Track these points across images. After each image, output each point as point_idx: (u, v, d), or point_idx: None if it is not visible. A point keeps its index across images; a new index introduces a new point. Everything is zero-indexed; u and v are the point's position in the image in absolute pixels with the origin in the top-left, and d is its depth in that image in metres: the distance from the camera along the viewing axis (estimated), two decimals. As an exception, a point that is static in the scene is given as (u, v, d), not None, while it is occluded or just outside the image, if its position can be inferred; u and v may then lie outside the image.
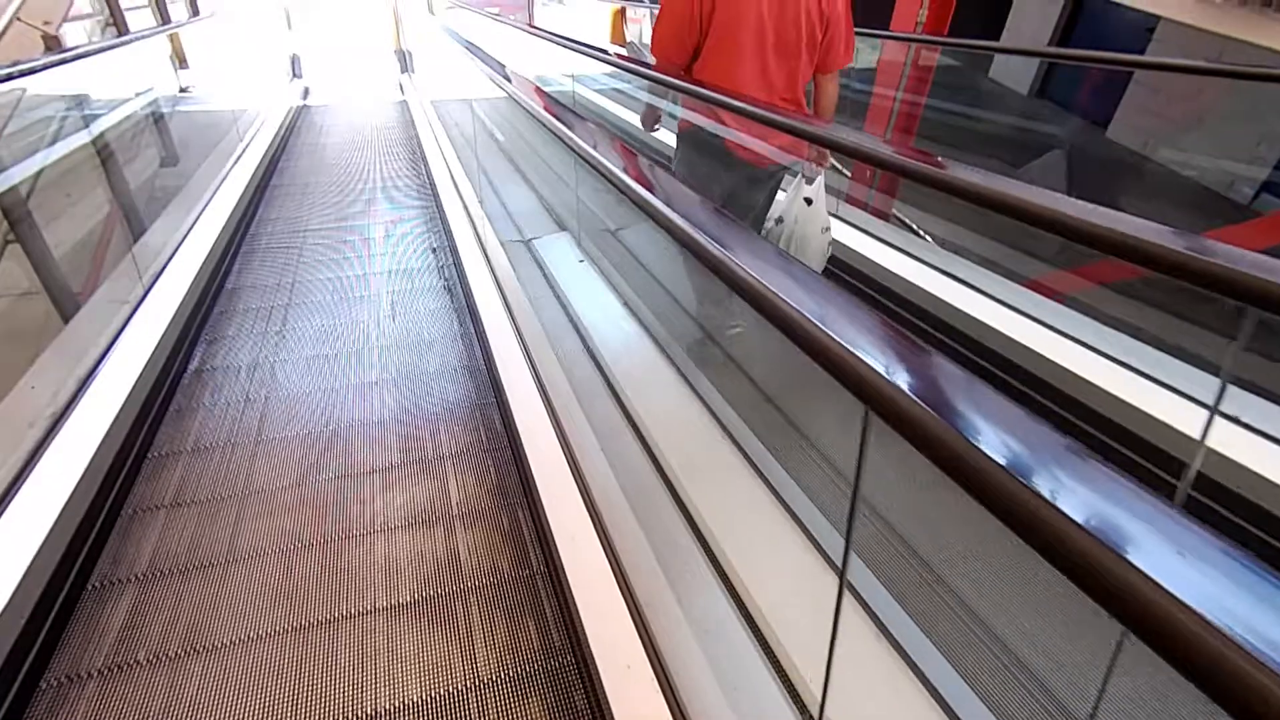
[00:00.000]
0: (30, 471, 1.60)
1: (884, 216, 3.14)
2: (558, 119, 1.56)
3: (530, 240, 3.29)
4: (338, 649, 1.43)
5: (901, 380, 0.46)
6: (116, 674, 1.37)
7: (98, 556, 1.62)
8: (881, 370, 0.46)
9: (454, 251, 3.31)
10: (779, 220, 2.14)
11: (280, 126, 5.43)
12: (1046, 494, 0.35)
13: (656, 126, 2.42)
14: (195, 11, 4.76)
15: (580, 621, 1.36)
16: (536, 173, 4.13)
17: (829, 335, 0.51)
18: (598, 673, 1.26)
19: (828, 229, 2.12)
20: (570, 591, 1.43)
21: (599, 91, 3.96)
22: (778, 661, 1.29)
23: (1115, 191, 3.77)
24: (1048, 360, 2.03)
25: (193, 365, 2.43)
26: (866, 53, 3.79)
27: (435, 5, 7.73)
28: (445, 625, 1.49)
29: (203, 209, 3.37)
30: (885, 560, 1.57)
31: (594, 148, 1.24)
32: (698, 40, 1.96)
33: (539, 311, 2.49)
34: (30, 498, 1.54)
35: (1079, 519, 0.33)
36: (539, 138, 3.58)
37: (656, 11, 2.07)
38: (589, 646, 1.31)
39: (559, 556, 1.51)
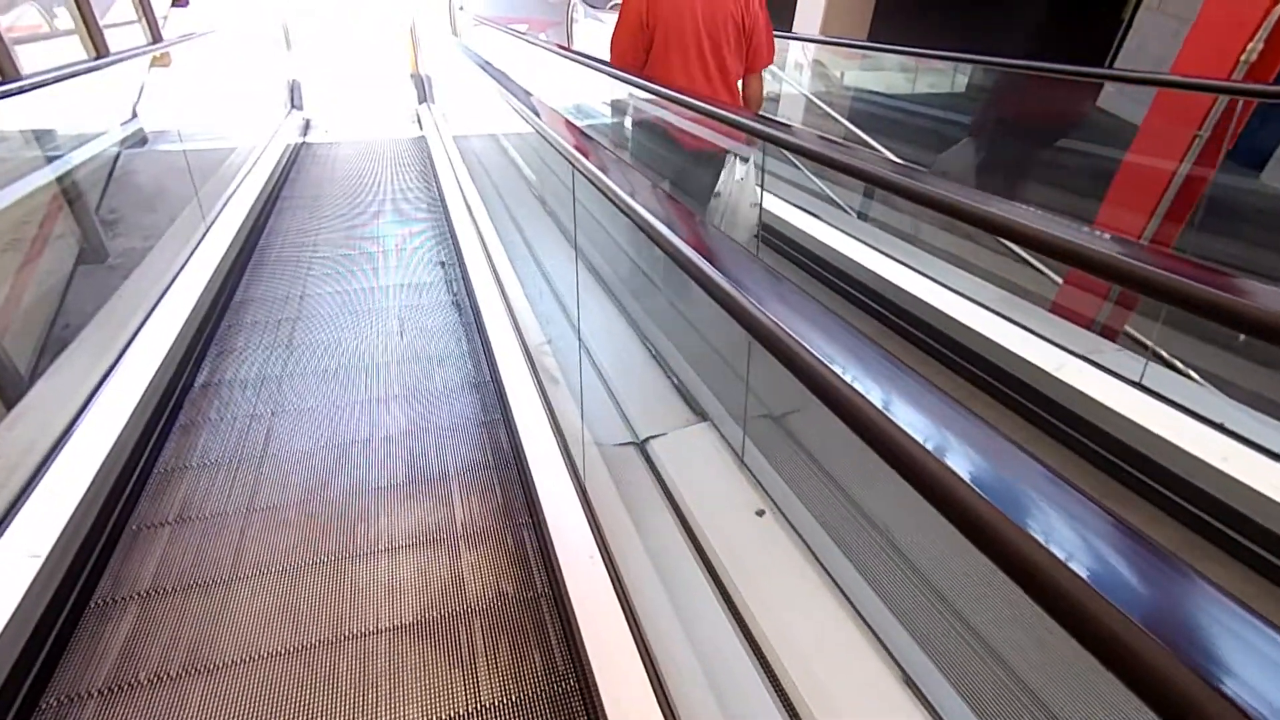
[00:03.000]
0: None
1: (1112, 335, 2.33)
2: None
3: (649, 441, 1.93)
4: (340, 670, 1.42)
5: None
6: (117, 694, 1.36)
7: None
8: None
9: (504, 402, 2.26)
10: (717, 194, 2.45)
11: (268, 180, 4.29)
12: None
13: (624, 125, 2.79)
14: (155, 37, 3.26)
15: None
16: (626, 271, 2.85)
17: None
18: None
19: (755, 204, 2.41)
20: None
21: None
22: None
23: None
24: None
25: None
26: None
27: (459, 23, 6.88)
28: (449, 647, 1.48)
29: (117, 359, 2.11)
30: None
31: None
32: (648, 45, 2.35)
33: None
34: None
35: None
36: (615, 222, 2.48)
37: None
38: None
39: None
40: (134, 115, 2.98)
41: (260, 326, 2.81)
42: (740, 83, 2.49)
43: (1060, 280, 2.58)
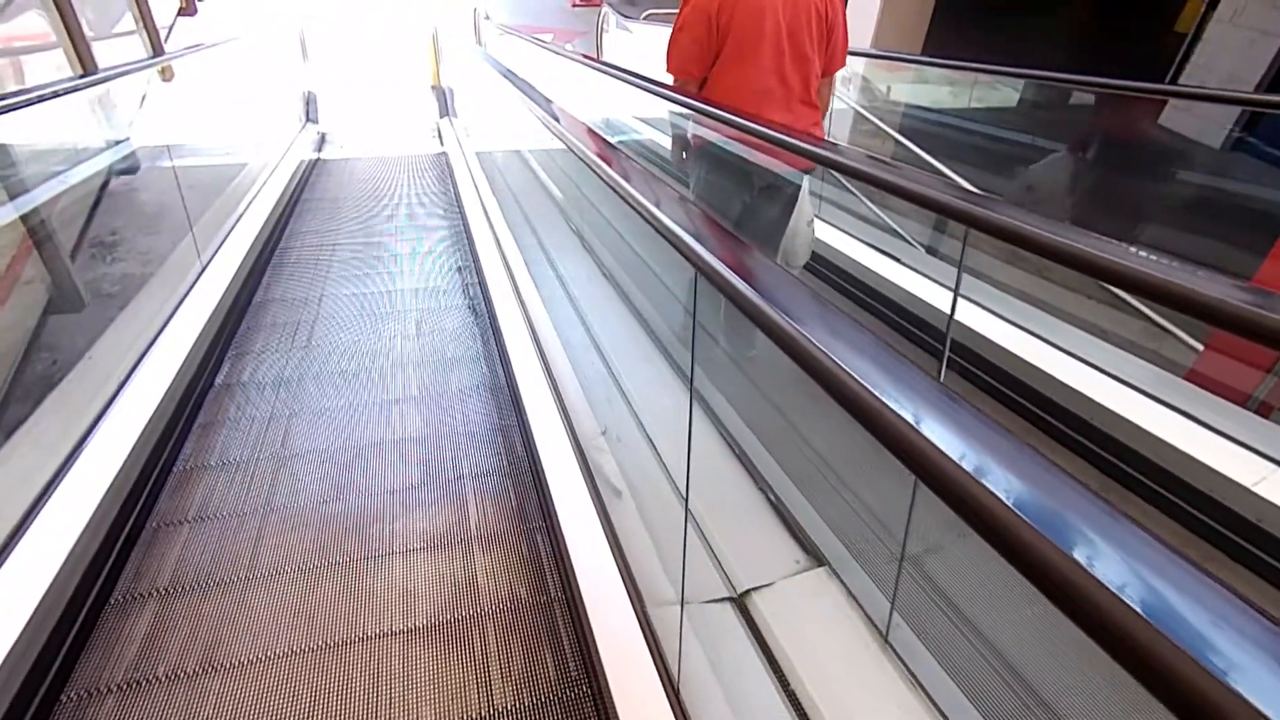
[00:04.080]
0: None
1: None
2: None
3: (748, 595, 1.49)
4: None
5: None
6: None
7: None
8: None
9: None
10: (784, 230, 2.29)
11: (277, 204, 3.91)
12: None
13: (686, 158, 2.29)
14: (156, 49, 2.91)
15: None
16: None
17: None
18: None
19: (811, 221, 2.27)
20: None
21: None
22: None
23: None
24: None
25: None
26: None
27: (484, 33, 6.65)
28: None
29: (85, 435, 1.79)
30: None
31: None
32: (717, 52, 2.04)
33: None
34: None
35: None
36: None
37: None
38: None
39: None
40: (127, 137, 2.65)
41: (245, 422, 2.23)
42: None
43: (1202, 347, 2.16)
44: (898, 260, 2.96)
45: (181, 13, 3.93)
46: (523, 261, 3.06)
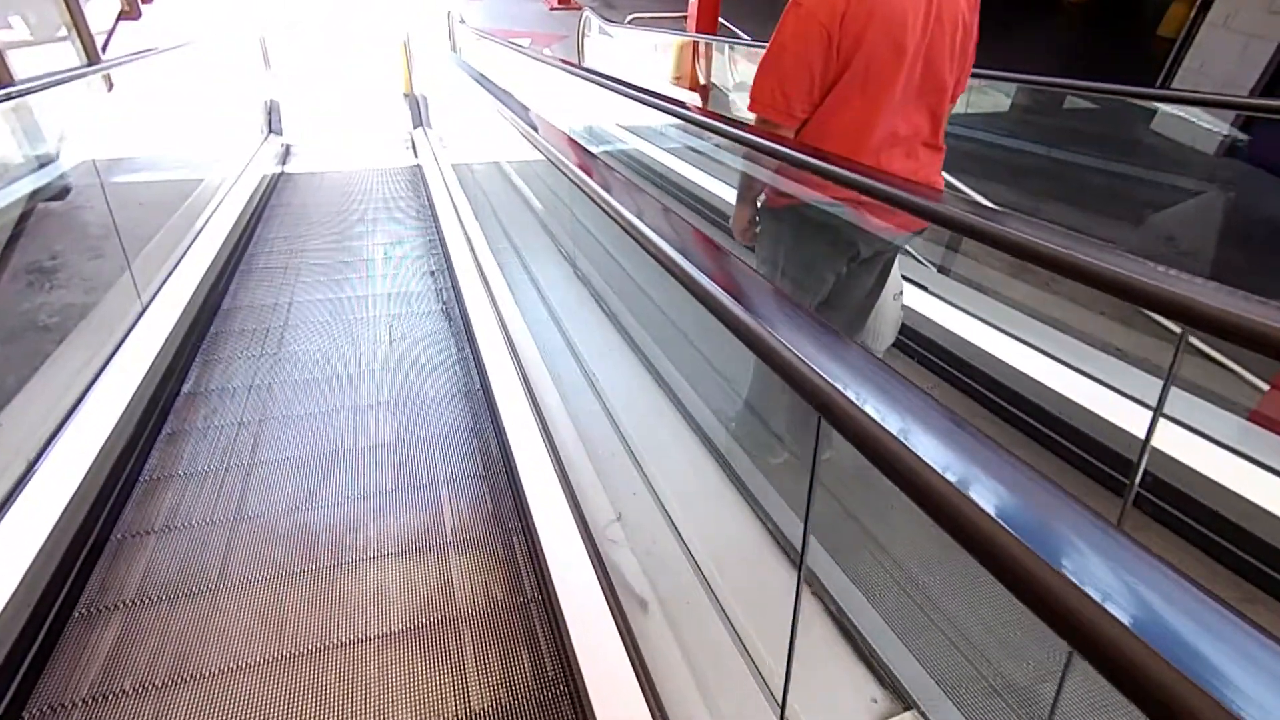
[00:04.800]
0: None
1: None
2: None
3: None
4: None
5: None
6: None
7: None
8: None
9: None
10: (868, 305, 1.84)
11: (235, 226, 3.46)
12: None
13: (754, 226, 1.72)
14: (91, 56, 2.63)
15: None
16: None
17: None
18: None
19: (900, 294, 1.88)
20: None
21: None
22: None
23: None
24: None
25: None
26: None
27: (460, 38, 6.31)
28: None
29: None
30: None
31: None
32: (834, 79, 1.43)
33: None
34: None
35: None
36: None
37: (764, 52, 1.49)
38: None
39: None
40: (55, 157, 2.36)
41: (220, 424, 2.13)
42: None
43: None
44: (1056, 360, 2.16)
45: (124, 16, 3.54)
46: (512, 301, 2.68)
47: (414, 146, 5.72)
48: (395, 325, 2.83)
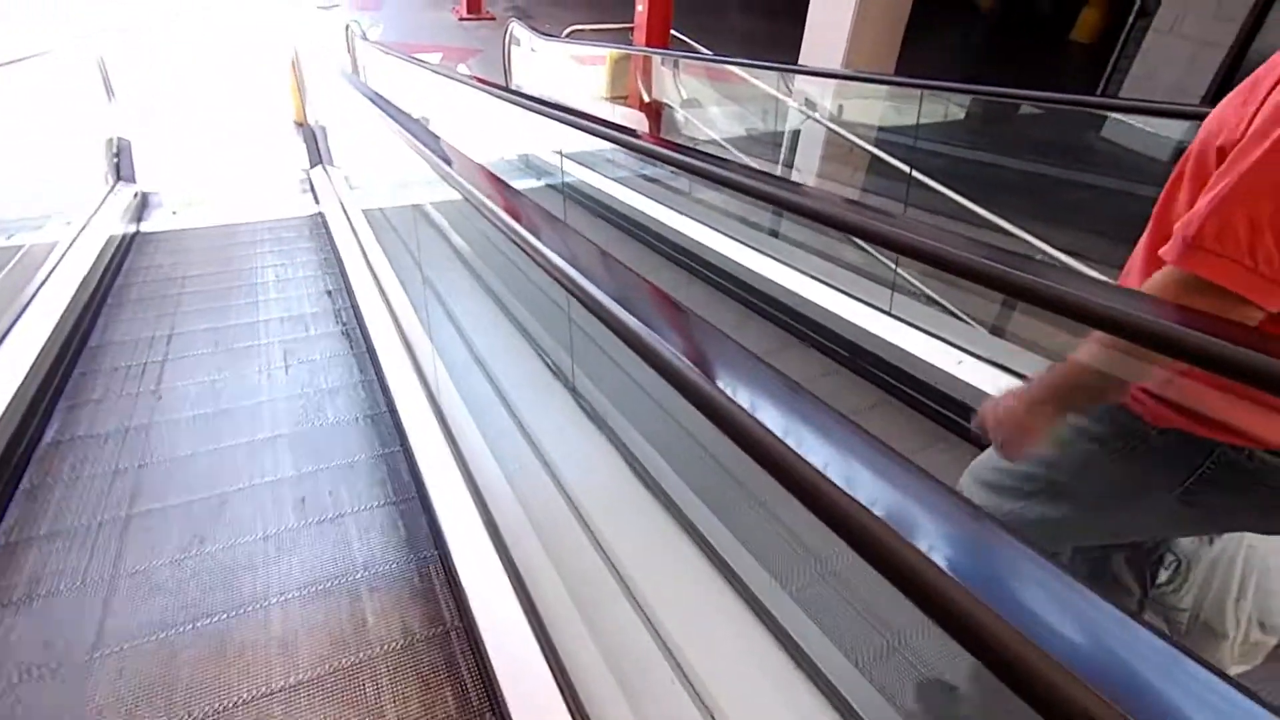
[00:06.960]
0: None
1: None
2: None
3: None
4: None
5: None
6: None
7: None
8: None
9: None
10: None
11: (59, 331, 2.44)
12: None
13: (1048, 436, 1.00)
14: None
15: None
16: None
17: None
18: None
19: None
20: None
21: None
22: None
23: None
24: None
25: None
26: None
27: (362, 55, 5.59)
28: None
29: None
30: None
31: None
32: None
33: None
34: None
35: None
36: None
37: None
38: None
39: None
40: None
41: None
42: None
43: None
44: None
45: None
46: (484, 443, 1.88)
47: (313, 189, 4.64)
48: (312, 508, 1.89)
